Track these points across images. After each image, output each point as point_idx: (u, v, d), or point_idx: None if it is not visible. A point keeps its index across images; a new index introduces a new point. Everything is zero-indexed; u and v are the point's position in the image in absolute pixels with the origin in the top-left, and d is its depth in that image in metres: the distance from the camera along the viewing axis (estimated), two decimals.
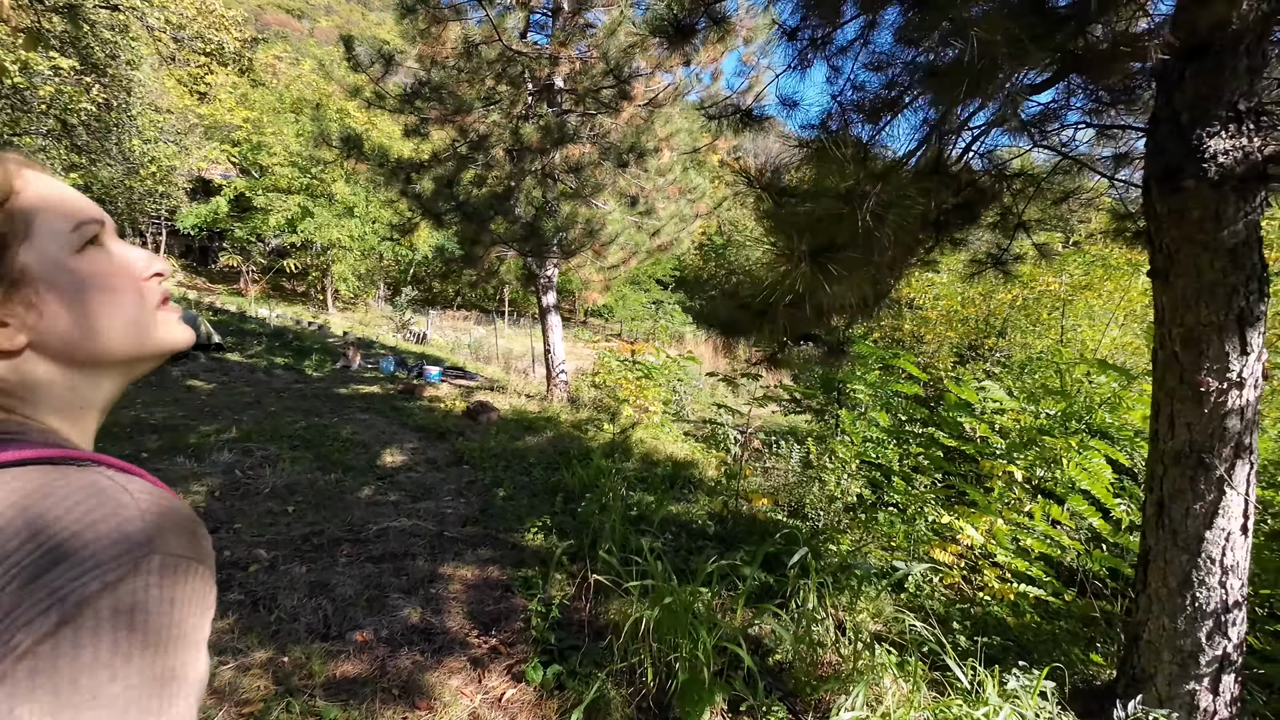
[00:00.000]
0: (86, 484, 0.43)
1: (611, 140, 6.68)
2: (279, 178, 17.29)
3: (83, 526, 0.40)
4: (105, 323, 0.52)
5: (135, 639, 0.39)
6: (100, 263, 0.52)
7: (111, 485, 0.43)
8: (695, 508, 4.37)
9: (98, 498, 0.42)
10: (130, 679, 0.38)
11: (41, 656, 0.36)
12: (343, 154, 7.14)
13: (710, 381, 13.70)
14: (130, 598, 0.39)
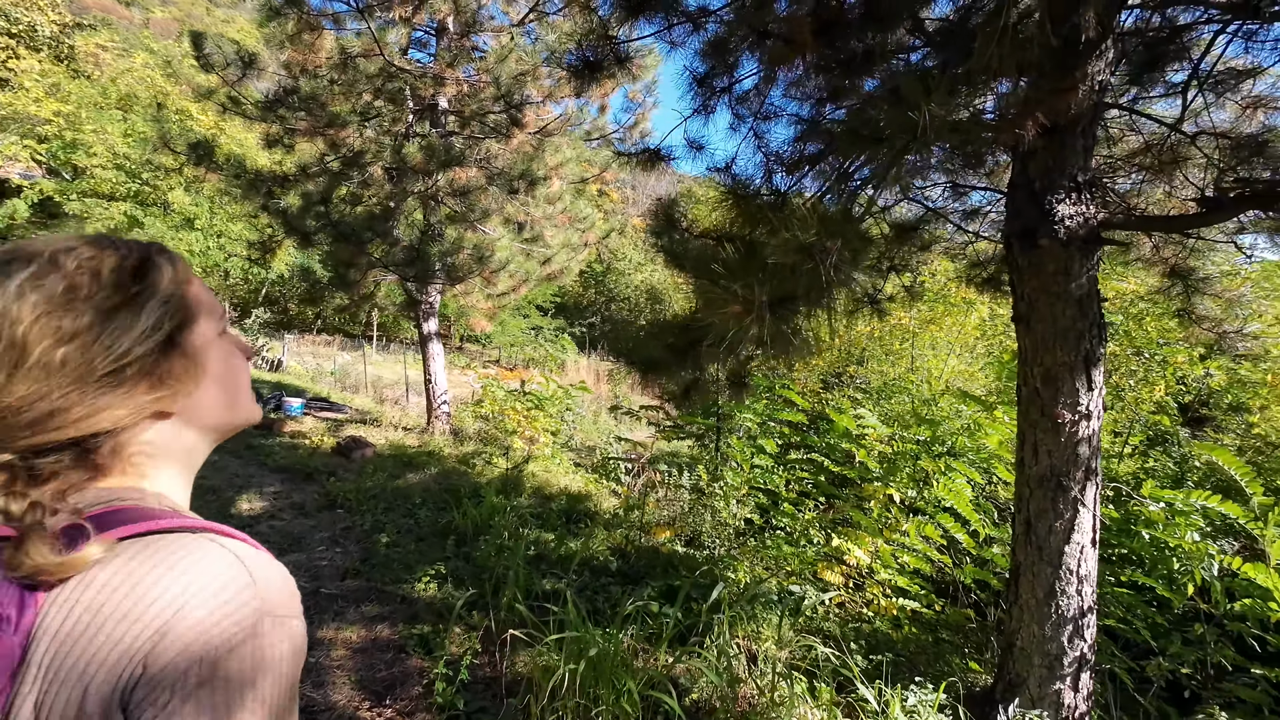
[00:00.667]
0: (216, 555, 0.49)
1: (499, 166, 6.54)
2: (100, 181, 15.03)
3: (217, 593, 0.46)
4: (237, 398, 0.62)
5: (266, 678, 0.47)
6: (230, 346, 0.62)
7: (226, 556, 0.49)
8: (595, 543, 4.28)
9: (224, 569, 0.48)
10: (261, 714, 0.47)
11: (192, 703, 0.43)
12: (189, 161, 6.36)
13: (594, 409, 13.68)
14: (263, 645, 0.47)
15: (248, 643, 0.46)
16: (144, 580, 0.45)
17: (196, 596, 0.45)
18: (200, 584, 0.46)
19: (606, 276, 33.69)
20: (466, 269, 5.97)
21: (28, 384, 0.48)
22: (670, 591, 3.25)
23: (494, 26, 6.73)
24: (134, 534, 0.48)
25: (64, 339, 0.49)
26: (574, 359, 21.11)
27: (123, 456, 0.54)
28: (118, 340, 0.51)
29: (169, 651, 0.44)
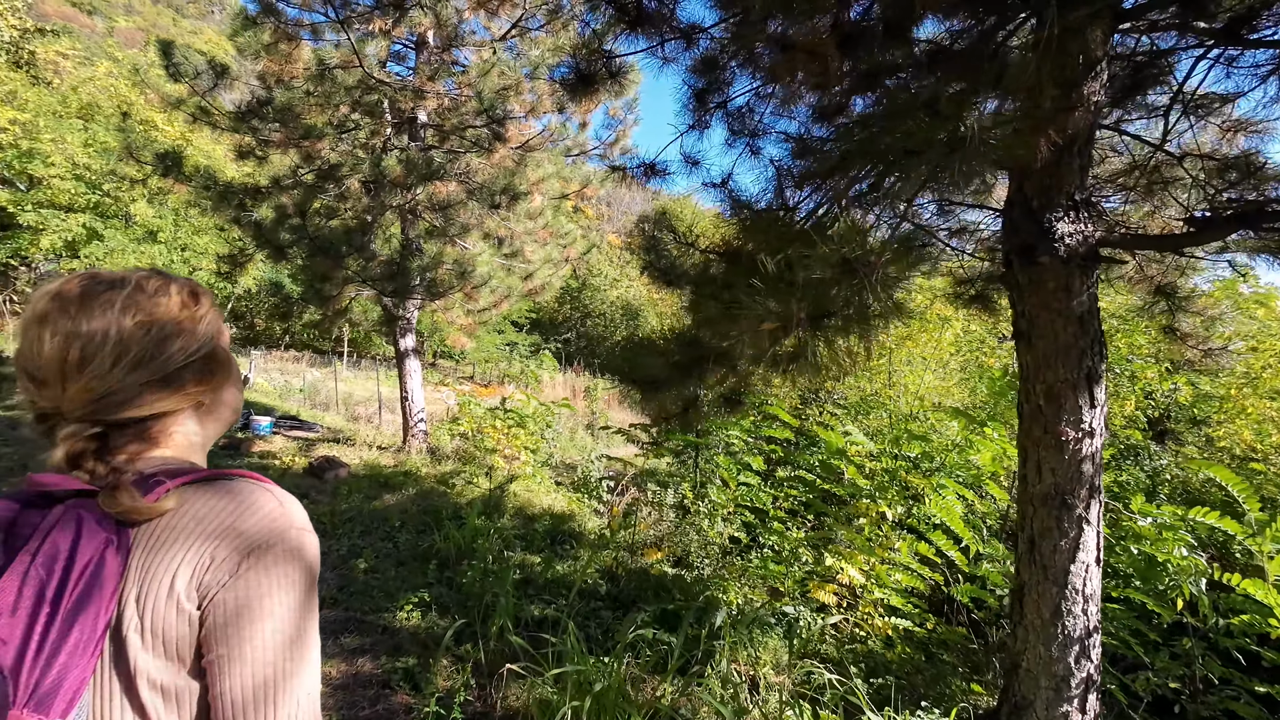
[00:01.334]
0: (253, 487, 0.67)
1: (480, 180, 6.46)
2: (58, 192, 14.47)
3: (259, 509, 0.65)
4: (237, 400, 0.79)
5: (296, 576, 0.65)
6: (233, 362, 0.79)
7: (260, 485, 0.68)
8: (583, 565, 4.16)
9: (261, 495, 0.67)
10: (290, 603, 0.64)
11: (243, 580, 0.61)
12: (157, 172, 6.15)
13: (571, 425, 13.52)
14: (292, 542, 0.65)
15: (281, 540, 0.64)
16: (207, 503, 0.63)
17: (246, 510, 0.64)
18: (247, 503, 0.64)
19: (582, 292, 33.62)
20: (448, 284, 5.85)
21: (124, 375, 0.64)
22: (665, 616, 3.16)
23: (475, 41, 6.68)
24: (191, 480, 0.65)
25: (150, 343, 0.66)
26: (550, 375, 20.93)
27: (168, 433, 0.71)
28: (185, 346, 0.69)
29: (227, 545, 0.61)
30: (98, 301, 0.64)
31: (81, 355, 0.63)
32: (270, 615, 0.62)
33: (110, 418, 0.64)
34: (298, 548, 0.65)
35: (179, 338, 0.68)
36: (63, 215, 14.42)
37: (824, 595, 3.71)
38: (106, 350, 0.64)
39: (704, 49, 2.99)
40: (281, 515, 0.65)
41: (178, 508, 0.62)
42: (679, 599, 3.43)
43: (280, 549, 0.63)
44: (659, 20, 2.71)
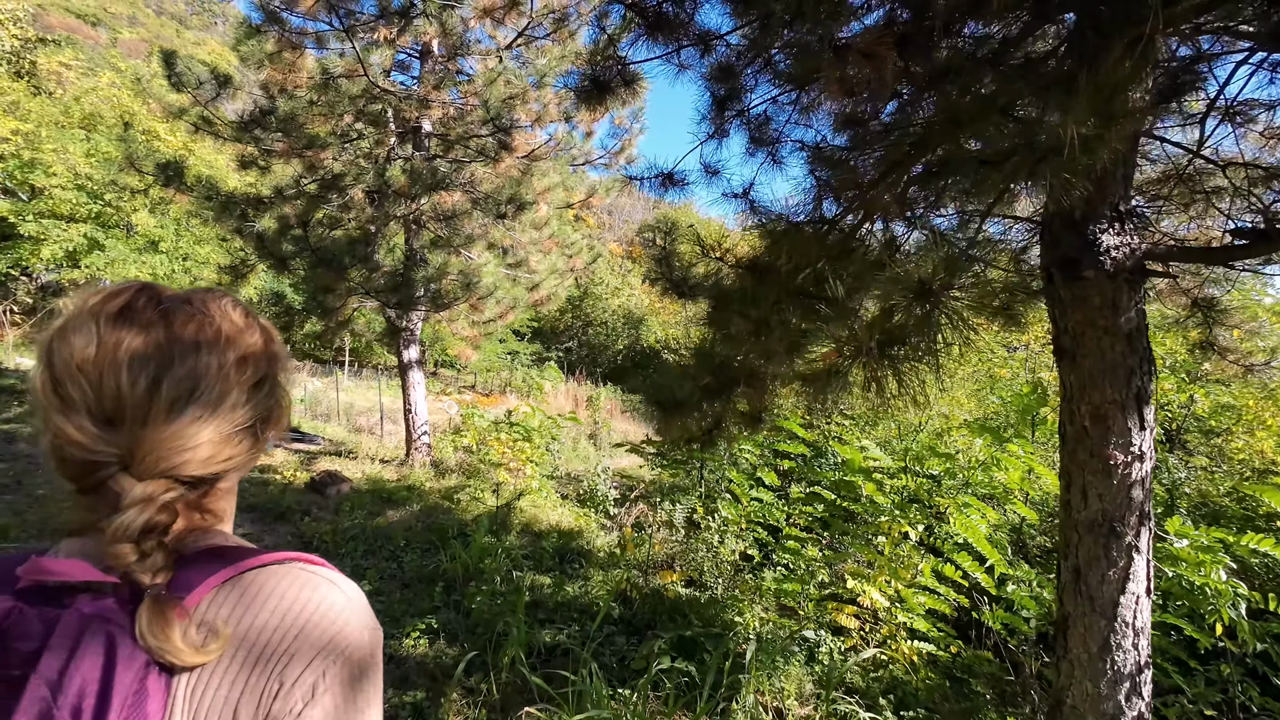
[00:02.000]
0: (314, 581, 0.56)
1: (485, 190, 6.37)
2: (59, 202, 14.42)
3: (324, 613, 0.54)
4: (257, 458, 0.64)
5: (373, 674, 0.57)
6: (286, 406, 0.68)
7: (316, 577, 0.57)
8: (593, 586, 4.03)
9: (325, 591, 0.56)
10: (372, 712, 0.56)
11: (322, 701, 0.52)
12: (159, 183, 6.07)
13: (573, 436, 13.39)
14: (365, 650, 0.56)
15: (355, 650, 0.55)
16: (264, 608, 0.52)
17: (311, 617, 0.53)
18: (311, 608, 0.53)
19: (583, 301, 33.54)
20: (453, 295, 5.74)
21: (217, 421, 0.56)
22: (683, 644, 3.03)
23: (481, 50, 6.62)
24: (238, 572, 0.54)
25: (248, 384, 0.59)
26: (551, 384, 20.79)
27: (222, 491, 0.62)
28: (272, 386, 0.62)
29: (297, 665, 0.51)
30: (191, 333, 0.55)
31: (176, 395, 0.52)
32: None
33: (188, 474, 0.53)
34: (370, 655, 0.56)
35: (269, 378, 0.61)
36: (64, 225, 14.35)
37: (844, 619, 3.58)
38: (211, 390, 0.54)
39: (720, 56, 2.90)
40: (351, 616, 0.56)
41: (230, 615, 0.51)
42: (696, 625, 3.30)
43: (355, 661, 0.54)
44: (676, 26, 2.62)
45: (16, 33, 7.10)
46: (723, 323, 2.52)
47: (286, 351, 0.64)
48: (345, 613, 0.55)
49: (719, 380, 1.87)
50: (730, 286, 2.42)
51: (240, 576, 0.53)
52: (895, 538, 3.54)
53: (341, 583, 0.58)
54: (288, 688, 0.51)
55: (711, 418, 2.21)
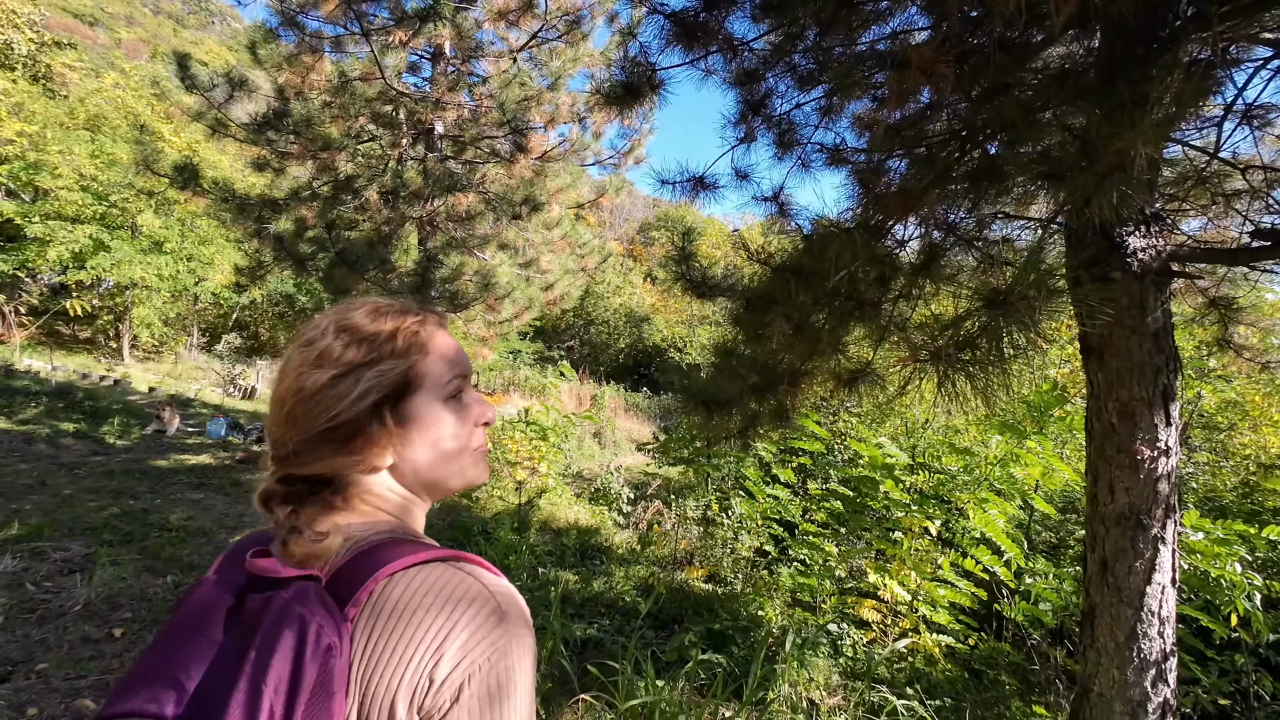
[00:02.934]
0: (465, 579, 0.58)
1: (498, 191, 6.43)
2: (65, 203, 14.45)
3: (475, 615, 0.56)
4: (448, 464, 0.68)
5: (518, 683, 0.56)
6: (453, 412, 0.68)
7: (475, 578, 0.59)
8: (616, 580, 4.11)
9: (478, 590, 0.58)
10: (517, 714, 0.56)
11: (469, 705, 0.53)
12: (174, 185, 6.12)
13: (578, 435, 13.46)
14: (513, 655, 0.56)
15: (504, 657, 0.55)
16: (419, 601, 0.55)
17: (460, 622, 0.55)
18: (463, 608, 0.55)
19: (585, 300, 33.56)
20: (470, 296, 5.81)
21: (296, 429, 0.62)
22: (713, 637, 3.10)
23: (494, 52, 6.68)
24: (403, 566, 0.57)
25: (309, 392, 0.61)
26: (554, 382, 20.87)
27: (352, 496, 0.64)
28: (336, 401, 0.61)
29: (446, 664, 0.53)
30: (304, 343, 0.65)
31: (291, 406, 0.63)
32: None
33: (292, 471, 0.62)
34: (518, 662, 0.57)
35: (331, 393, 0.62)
36: (70, 227, 14.38)
37: (866, 612, 3.65)
38: (292, 401, 0.62)
39: (745, 62, 2.97)
40: (502, 618, 0.57)
41: (395, 608, 0.55)
42: (725, 619, 3.37)
43: (503, 666, 0.55)
44: (708, 33, 2.69)
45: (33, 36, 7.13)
46: (756, 323, 2.59)
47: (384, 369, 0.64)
48: (503, 616, 0.57)
49: (765, 379, 1.94)
50: (764, 288, 2.48)
51: (406, 571, 0.57)
52: (915, 533, 3.61)
53: (501, 590, 0.59)
54: (437, 685, 0.53)
55: (747, 416, 2.27)
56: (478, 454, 0.72)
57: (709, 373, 3.01)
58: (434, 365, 0.67)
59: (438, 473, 0.68)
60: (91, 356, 16.29)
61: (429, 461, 0.67)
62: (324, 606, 0.53)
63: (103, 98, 16.27)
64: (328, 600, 0.54)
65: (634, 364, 32.29)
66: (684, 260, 3.09)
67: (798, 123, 3.06)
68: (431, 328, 0.69)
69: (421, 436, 0.66)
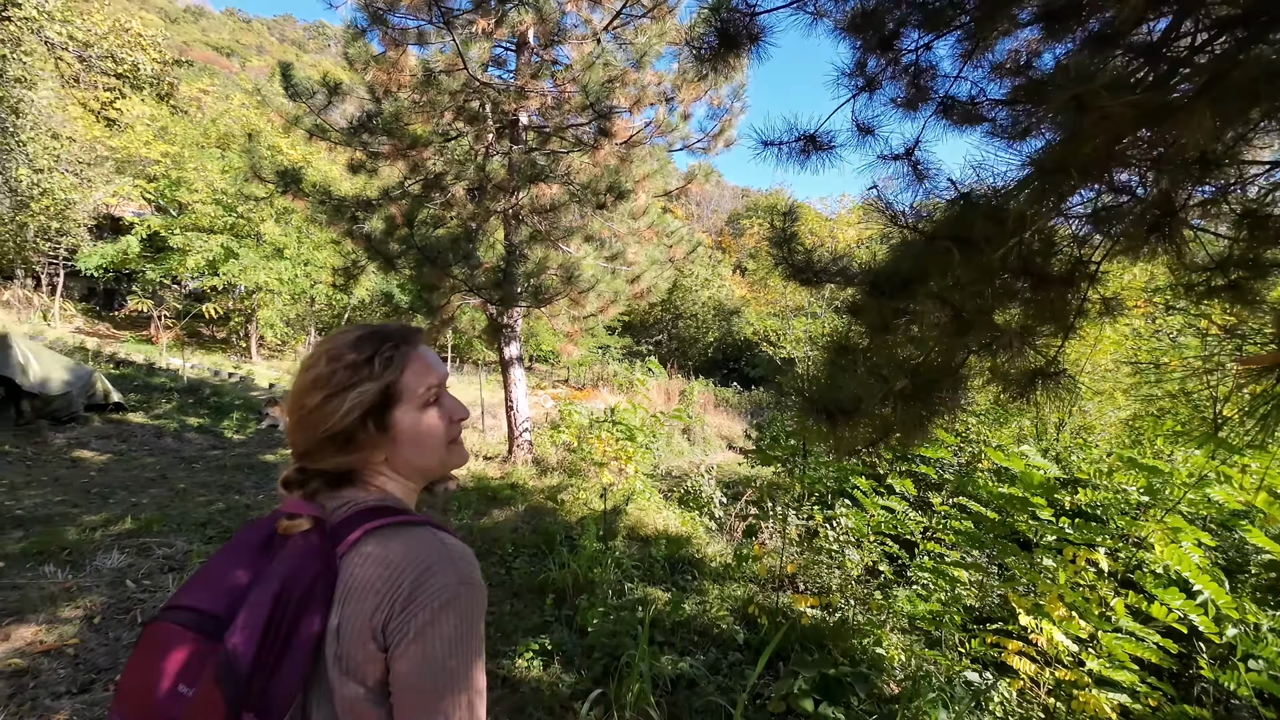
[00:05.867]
0: (430, 540, 0.75)
1: (582, 181, 6.17)
2: (200, 216, 15.87)
3: (433, 566, 0.71)
4: (429, 456, 0.84)
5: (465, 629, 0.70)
6: (431, 417, 0.83)
7: (437, 538, 0.76)
8: (710, 602, 3.70)
9: (438, 546, 0.74)
10: (462, 657, 0.70)
11: (421, 638, 0.67)
12: (278, 189, 6.33)
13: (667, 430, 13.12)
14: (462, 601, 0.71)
15: (454, 600, 0.70)
16: (393, 554, 0.71)
17: (422, 567, 0.70)
18: (424, 559, 0.71)
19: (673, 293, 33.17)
20: (554, 290, 5.59)
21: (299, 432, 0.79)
22: (825, 684, 2.63)
23: (577, 36, 6.41)
24: (381, 525, 0.74)
25: (309, 409, 0.77)
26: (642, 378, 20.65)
27: (360, 480, 0.82)
28: (329, 416, 0.76)
29: (402, 601, 0.68)
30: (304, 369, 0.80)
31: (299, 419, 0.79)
32: (440, 672, 0.68)
33: (306, 465, 0.79)
34: (467, 608, 0.71)
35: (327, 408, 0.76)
36: (205, 237, 15.78)
37: (1012, 657, 3.03)
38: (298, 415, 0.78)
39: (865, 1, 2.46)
40: (453, 572, 0.72)
41: (371, 553, 0.71)
42: (839, 661, 2.88)
43: (451, 610, 0.69)
44: None
45: (155, 56, 7.72)
46: (883, 312, 2.09)
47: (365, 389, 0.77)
48: (454, 571, 0.72)
49: (918, 383, 1.47)
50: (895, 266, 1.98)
51: (385, 528, 0.74)
52: (1079, 565, 2.94)
53: (456, 549, 0.75)
54: (397, 616, 0.68)
55: (880, 425, 1.80)
56: (455, 444, 0.87)
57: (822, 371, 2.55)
58: (410, 380, 0.81)
59: (422, 462, 0.83)
60: (225, 355, 17.85)
61: (414, 455, 0.82)
62: (319, 546, 0.72)
63: (230, 117, 17.77)
64: (324, 542, 0.72)
65: (723, 358, 31.61)
66: (784, 243, 2.67)
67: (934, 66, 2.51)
68: (407, 349, 0.82)
69: (405, 437, 0.80)
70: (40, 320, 15.60)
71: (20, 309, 15.20)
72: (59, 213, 11.16)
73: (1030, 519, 3.46)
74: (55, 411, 6.75)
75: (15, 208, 9.15)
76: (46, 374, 6.76)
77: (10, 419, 6.46)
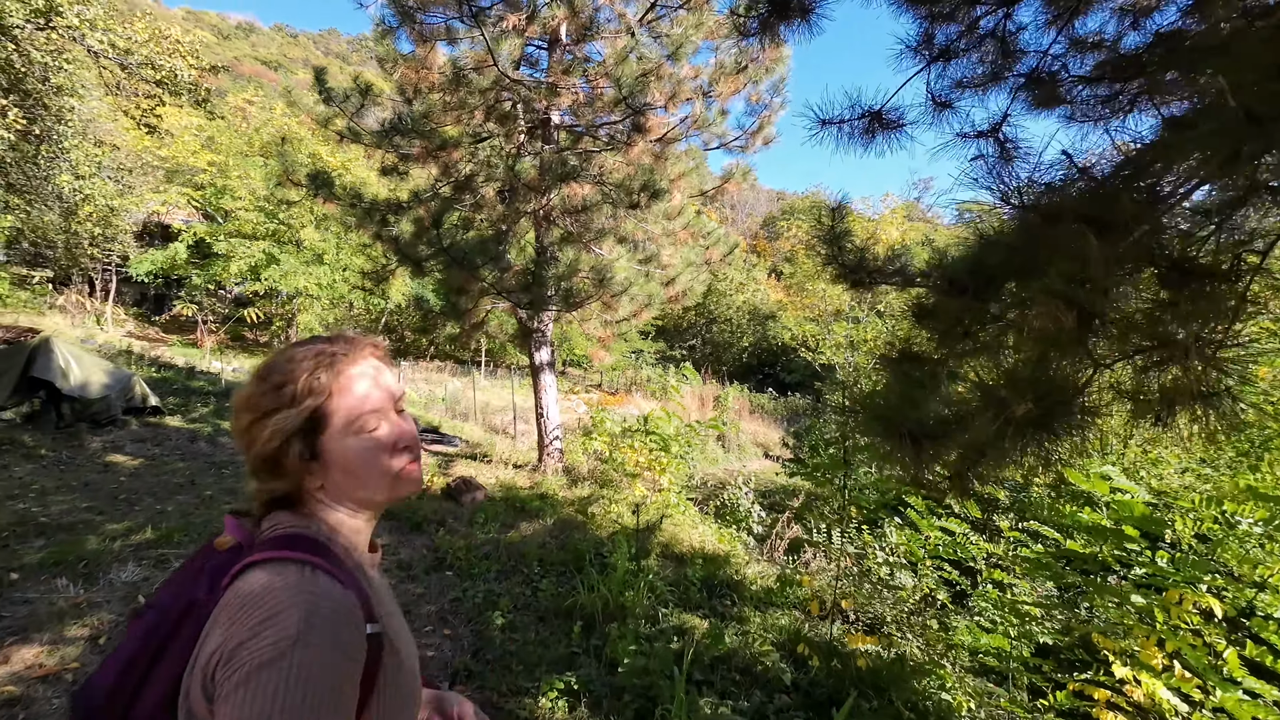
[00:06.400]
0: (296, 580, 0.65)
1: (615, 180, 5.93)
2: (243, 223, 16.24)
3: (280, 611, 0.61)
4: (368, 482, 0.78)
5: (290, 698, 0.58)
6: (365, 444, 0.77)
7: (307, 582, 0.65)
8: (752, 633, 3.39)
9: (297, 593, 0.63)
10: None
11: (230, 699, 0.57)
12: (310, 193, 6.27)
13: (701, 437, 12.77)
14: (291, 670, 0.59)
15: (277, 661, 0.59)
16: (245, 593, 0.64)
17: (261, 616, 0.61)
18: (264, 605, 0.62)
19: (707, 298, 32.76)
20: (585, 293, 5.36)
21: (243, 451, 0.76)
22: None
23: (610, 30, 6.19)
24: (263, 559, 0.67)
25: (239, 430, 0.75)
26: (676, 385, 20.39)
27: (299, 507, 0.77)
28: (254, 440, 0.73)
29: (234, 651, 0.60)
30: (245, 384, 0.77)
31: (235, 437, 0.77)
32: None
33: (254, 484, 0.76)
34: (299, 668, 0.59)
35: (253, 432, 0.73)
36: (248, 243, 16.13)
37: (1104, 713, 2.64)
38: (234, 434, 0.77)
39: None
40: (295, 626, 0.61)
41: (235, 589, 0.65)
42: (902, 709, 2.54)
43: (275, 667, 0.58)
44: None
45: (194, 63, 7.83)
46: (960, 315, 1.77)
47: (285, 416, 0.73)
48: (291, 627, 0.60)
49: (1045, 406, 1.16)
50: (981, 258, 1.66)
51: (264, 562, 0.67)
52: (1186, 609, 2.54)
53: (317, 588, 0.65)
54: (223, 664, 0.60)
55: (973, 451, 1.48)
56: (402, 474, 0.80)
57: (889, 385, 2.24)
58: (343, 404, 0.76)
59: (360, 493, 0.78)
60: None
61: (350, 484, 0.77)
62: (210, 574, 0.70)
63: (274, 126, 18.19)
64: (219, 571, 0.69)
65: (758, 363, 31.07)
66: (835, 240, 2.39)
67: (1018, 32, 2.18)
68: (341, 368, 0.76)
69: (337, 466, 0.76)
70: (94, 324, 16.16)
71: (74, 314, 15.75)
72: (102, 218, 11.45)
73: (1121, 551, 3.06)
74: (94, 415, 6.82)
75: (64, 214, 9.41)
76: (86, 378, 6.84)
77: (51, 421, 6.54)
